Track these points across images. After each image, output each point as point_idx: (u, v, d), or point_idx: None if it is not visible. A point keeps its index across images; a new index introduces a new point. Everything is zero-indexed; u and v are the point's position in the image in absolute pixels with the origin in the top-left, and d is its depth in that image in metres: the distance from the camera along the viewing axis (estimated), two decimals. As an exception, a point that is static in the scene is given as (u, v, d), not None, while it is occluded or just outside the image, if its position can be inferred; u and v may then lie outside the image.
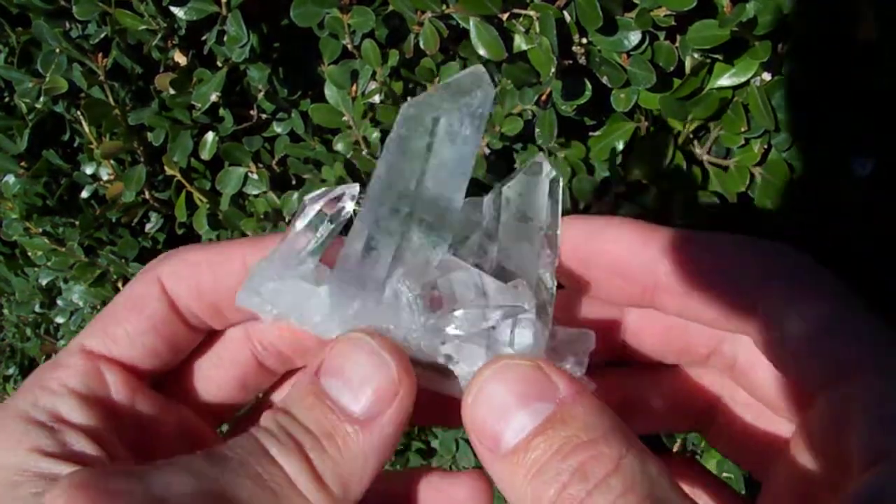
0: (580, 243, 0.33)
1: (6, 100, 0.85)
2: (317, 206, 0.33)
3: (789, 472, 0.31)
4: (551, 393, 0.28)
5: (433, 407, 0.33)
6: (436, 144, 0.29)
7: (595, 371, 0.32)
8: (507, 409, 0.28)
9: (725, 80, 0.55)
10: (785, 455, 0.32)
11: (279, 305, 0.32)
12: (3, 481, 0.29)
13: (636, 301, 0.33)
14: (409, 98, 0.64)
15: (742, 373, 0.34)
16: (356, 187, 0.33)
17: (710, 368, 0.36)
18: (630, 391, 0.37)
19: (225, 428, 0.42)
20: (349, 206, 0.33)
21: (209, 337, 0.37)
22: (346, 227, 0.33)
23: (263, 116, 0.73)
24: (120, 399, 0.33)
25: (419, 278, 0.31)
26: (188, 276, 0.34)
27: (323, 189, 0.34)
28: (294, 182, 0.76)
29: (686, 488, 0.34)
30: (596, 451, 0.26)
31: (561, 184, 0.32)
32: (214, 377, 0.37)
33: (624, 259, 0.32)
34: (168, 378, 0.37)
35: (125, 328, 0.34)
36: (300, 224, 0.33)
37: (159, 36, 0.67)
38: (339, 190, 0.33)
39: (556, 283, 0.32)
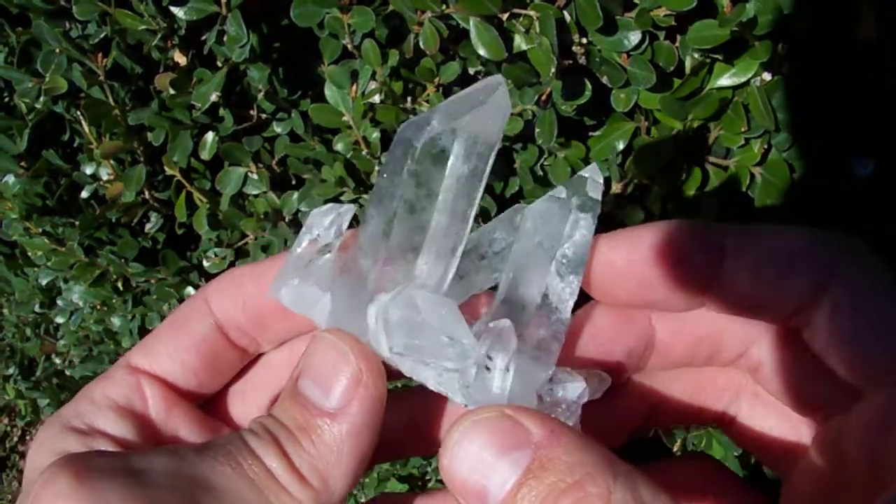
0: (628, 264, 0.31)
1: (6, 100, 0.85)
2: (325, 221, 0.33)
3: (814, 471, 0.31)
4: (526, 439, 0.27)
5: (413, 442, 0.34)
6: (424, 173, 0.29)
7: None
8: (485, 464, 0.27)
9: (725, 80, 0.55)
10: (809, 454, 0.32)
11: (297, 304, 0.33)
12: (31, 481, 0.31)
13: (689, 305, 0.32)
14: (408, 98, 0.64)
15: (768, 375, 0.34)
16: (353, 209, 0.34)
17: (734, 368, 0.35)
18: (651, 391, 0.36)
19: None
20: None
21: (257, 361, 0.38)
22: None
23: (263, 116, 0.73)
24: (157, 413, 0.35)
25: (404, 308, 0.30)
26: (232, 289, 0.35)
27: (330, 206, 0.34)
28: (294, 182, 0.76)
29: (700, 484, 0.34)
30: (583, 493, 0.25)
31: (595, 212, 0.30)
32: (257, 400, 0.38)
33: (683, 270, 0.31)
34: (216, 399, 0.38)
35: (166, 346, 0.36)
36: (308, 236, 0.33)
37: (159, 36, 0.67)
38: (345, 209, 0.33)
39: (569, 316, 0.30)
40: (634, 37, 0.55)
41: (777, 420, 0.35)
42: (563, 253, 0.30)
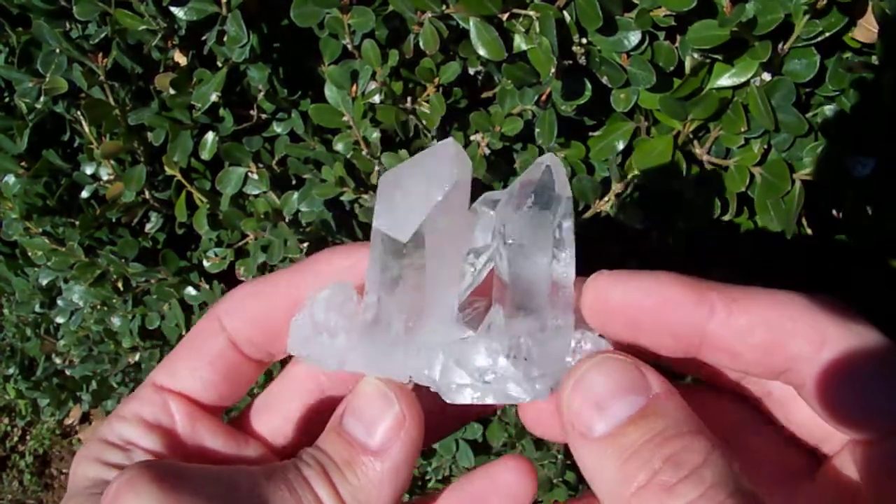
0: (622, 303, 0.33)
1: (6, 100, 0.85)
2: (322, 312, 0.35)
3: (818, 496, 0.33)
4: (645, 388, 0.29)
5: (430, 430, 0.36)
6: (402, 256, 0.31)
7: None
8: (603, 398, 0.29)
9: (725, 80, 0.55)
10: (812, 480, 0.33)
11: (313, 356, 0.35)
12: (78, 489, 0.35)
13: (680, 354, 0.34)
14: (408, 98, 0.64)
15: (778, 404, 0.35)
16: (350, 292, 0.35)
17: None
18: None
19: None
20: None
21: (279, 373, 0.41)
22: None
23: (263, 116, 0.73)
24: (183, 427, 0.38)
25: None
26: (241, 308, 0.38)
27: (325, 295, 0.35)
28: (294, 182, 0.76)
29: None
30: (687, 443, 0.27)
31: (569, 205, 0.31)
32: (281, 411, 0.40)
33: (672, 318, 0.32)
34: (242, 412, 0.41)
35: (185, 364, 0.38)
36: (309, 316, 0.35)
37: (159, 36, 0.67)
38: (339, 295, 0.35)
39: (572, 288, 0.32)
40: (634, 37, 0.55)
41: (788, 435, 0.36)
42: (554, 236, 0.31)
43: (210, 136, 0.72)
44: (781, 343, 0.31)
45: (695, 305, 0.31)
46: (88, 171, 0.81)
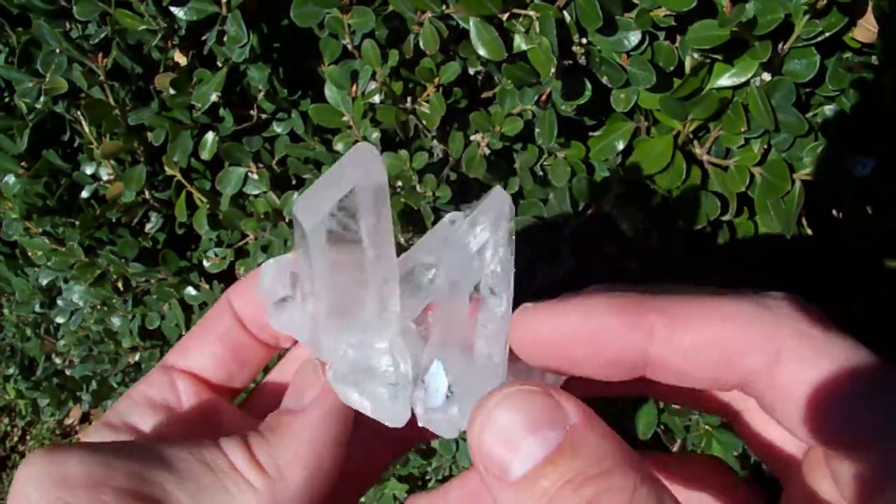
0: (550, 338, 0.31)
1: (6, 100, 0.85)
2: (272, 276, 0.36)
3: (804, 490, 0.31)
4: (561, 419, 0.27)
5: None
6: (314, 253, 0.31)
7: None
8: (515, 437, 0.27)
9: (725, 81, 0.55)
10: (801, 473, 0.32)
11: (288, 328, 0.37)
12: None
13: (627, 377, 0.32)
14: (408, 98, 0.64)
15: (748, 414, 0.34)
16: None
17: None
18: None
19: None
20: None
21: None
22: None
23: (263, 116, 0.73)
24: (190, 406, 0.38)
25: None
26: (247, 288, 0.39)
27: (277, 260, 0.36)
28: (294, 182, 0.76)
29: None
30: (609, 484, 0.25)
31: (510, 234, 0.30)
32: (282, 393, 0.40)
33: (608, 348, 0.30)
34: (253, 396, 0.42)
35: (196, 342, 0.39)
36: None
37: (159, 36, 0.67)
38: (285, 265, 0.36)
39: (507, 328, 0.31)
40: (634, 37, 0.55)
41: (776, 430, 0.34)
42: (487, 279, 0.30)
43: (210, 136, 0.72)
44: (731, 359, 0.28)
45: (630, 330, 0.29)
46: (88, 171, 0.81)
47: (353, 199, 0.30)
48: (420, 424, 0.32)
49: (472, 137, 0.65)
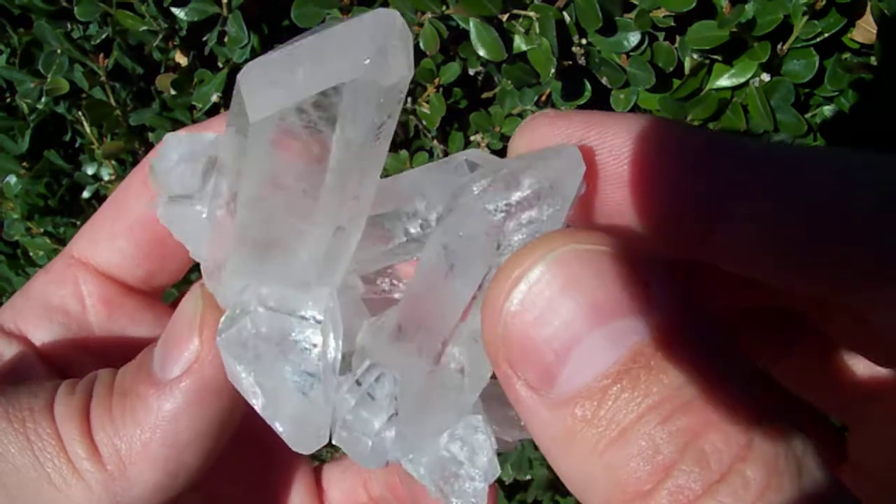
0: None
1: (8, 100, 0.85)
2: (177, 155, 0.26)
3: (890, 416, 0.25)
4: (644, 305, 0.17)
5: None
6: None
7: None
8: (570, 328, 0.17)
9: (724, 81, 0.55)
10: (882, 398, 0.25)
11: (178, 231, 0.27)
12: None
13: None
14: (408, 99, 0.64)
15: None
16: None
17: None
18: None
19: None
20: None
21: None
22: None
23: (264, 117, 0.73)
24: (96, 314, 0.31)
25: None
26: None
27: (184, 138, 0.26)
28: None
29: None
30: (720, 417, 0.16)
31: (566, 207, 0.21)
32: None
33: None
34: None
35: (106, 229, 0.31)
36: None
37: (160, 37, 0.68)
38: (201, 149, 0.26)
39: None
40: (634, 38, 0.55)
41: (842, 360, 0.27)
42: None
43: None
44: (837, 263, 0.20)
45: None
46: (90, 171, 0.81)
47: (342, 97, 0.19)
48: (333, 440, 0.22)
49: (472, 138, 0.65)
